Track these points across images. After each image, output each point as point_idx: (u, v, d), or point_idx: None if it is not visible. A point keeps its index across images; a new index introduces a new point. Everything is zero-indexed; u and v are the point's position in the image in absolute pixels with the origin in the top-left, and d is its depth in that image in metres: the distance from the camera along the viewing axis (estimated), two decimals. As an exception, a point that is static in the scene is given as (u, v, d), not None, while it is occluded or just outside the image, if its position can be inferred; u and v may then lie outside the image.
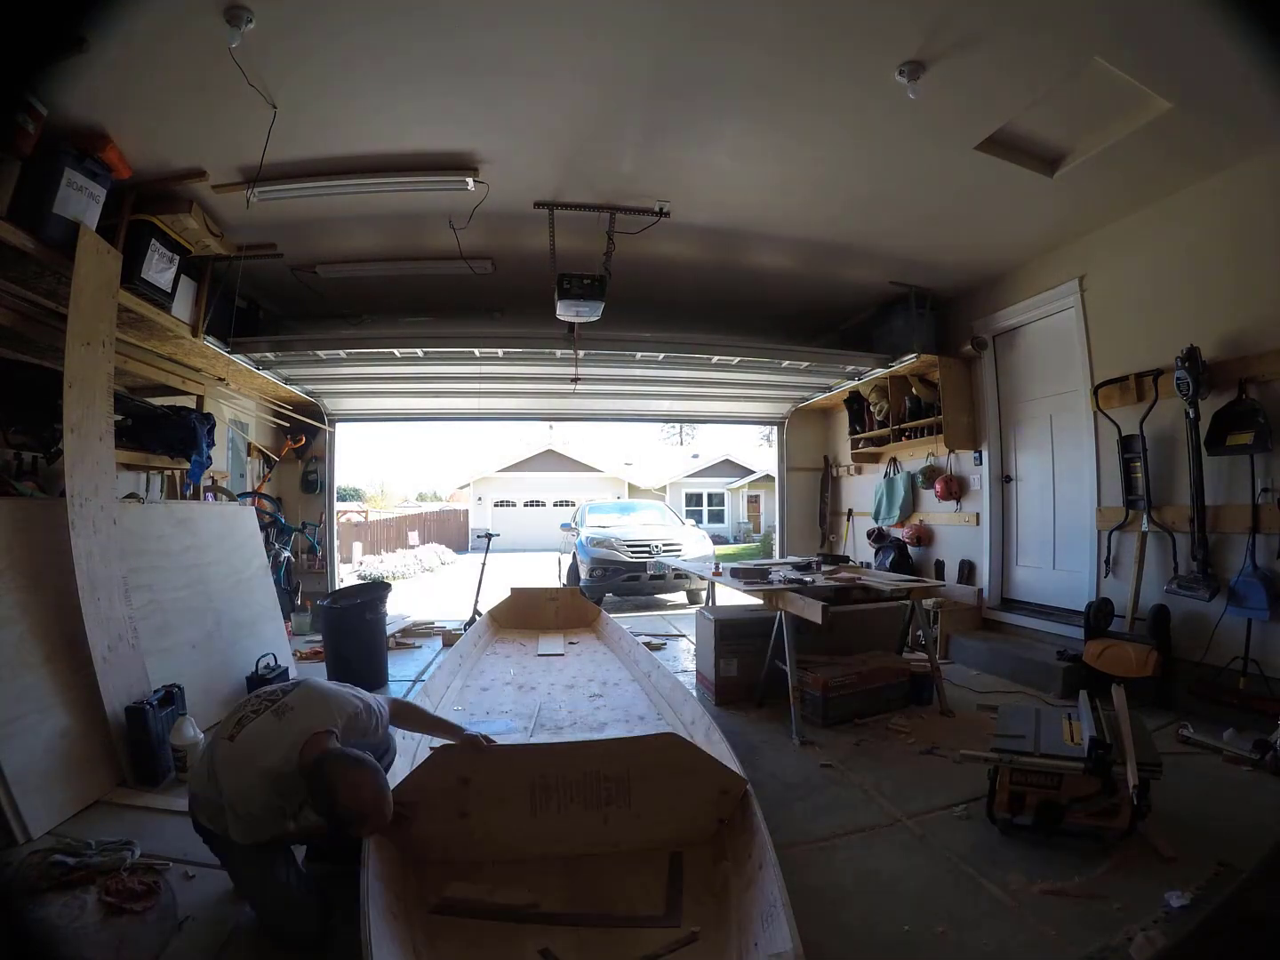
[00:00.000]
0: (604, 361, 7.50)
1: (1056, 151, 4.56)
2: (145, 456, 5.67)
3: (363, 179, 4.70)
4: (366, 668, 5.79)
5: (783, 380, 8.86)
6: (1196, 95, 3.76)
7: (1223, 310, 4.71)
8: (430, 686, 4.83)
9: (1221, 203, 4.69)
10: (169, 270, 5.13)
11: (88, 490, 4.02)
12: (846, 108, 4.08)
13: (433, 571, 21.75)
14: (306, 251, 6.03)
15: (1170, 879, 2.68)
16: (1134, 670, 4.67)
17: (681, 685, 4.85)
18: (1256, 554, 4.43)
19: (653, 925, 2.39)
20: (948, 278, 6.97)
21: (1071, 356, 6.07)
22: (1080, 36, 3.36)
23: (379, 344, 7.00)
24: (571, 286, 5.58)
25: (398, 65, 3.65)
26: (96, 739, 3.70)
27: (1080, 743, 3.09)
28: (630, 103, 4.07)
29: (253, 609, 5.78)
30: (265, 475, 9.15)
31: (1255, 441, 4.38)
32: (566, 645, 6.82)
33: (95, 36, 3.12)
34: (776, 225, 5.74)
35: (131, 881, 2.56)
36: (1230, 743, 4.05)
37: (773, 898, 2.16)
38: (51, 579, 3.77)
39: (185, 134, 4.22)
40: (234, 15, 3.14)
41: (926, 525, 8.19)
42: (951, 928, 2.49)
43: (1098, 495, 5.79)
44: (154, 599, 4.62)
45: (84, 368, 4.10)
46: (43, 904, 2.28)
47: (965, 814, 3.38)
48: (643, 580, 11.19)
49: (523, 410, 10.65)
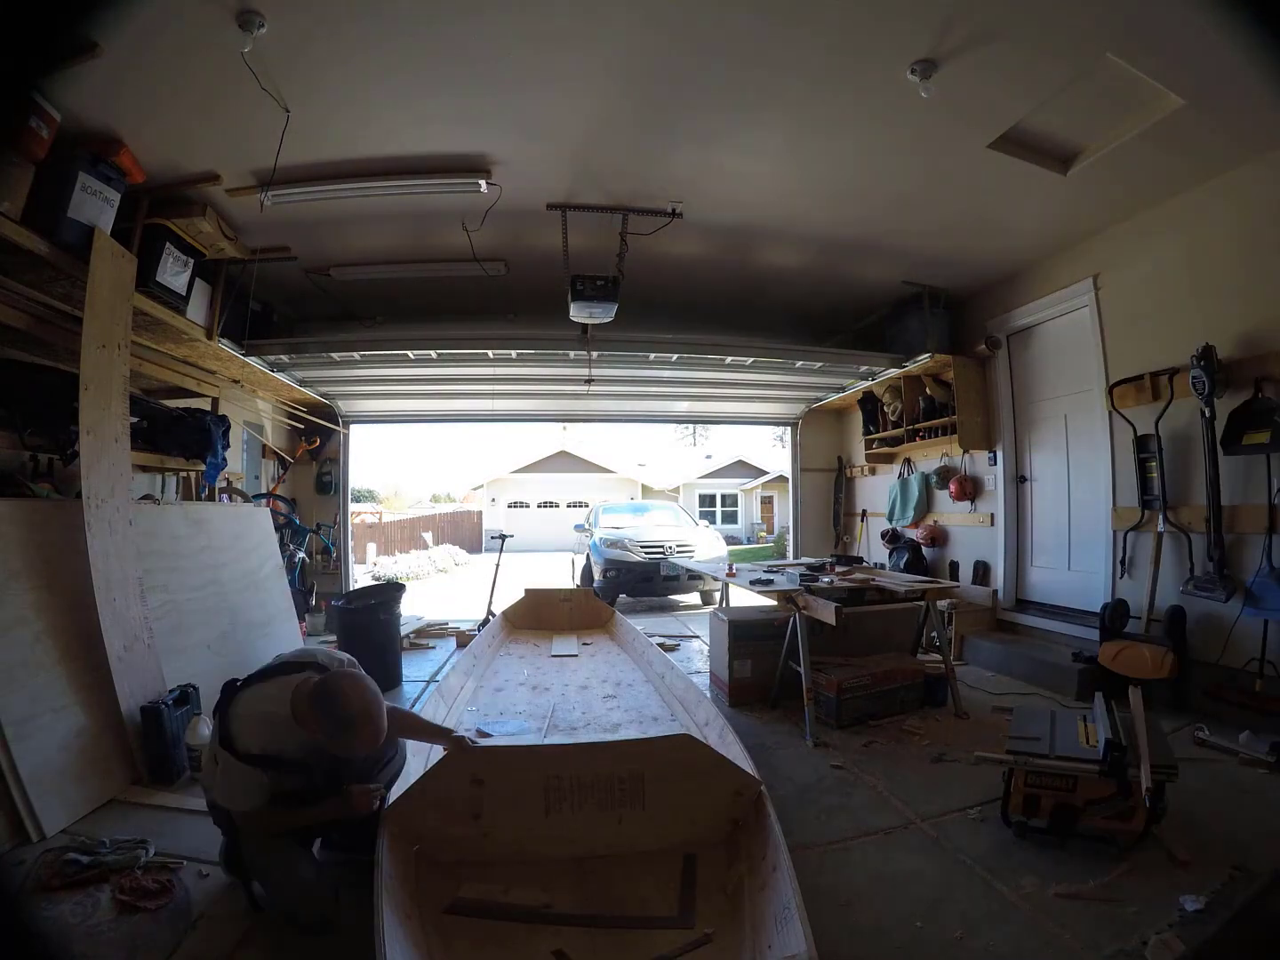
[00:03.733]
0: (617, 363, 7.52)
1: (1069, 149, 4.53)
2: (161, 458, 5.71)
3: (375, 182, 4.72)
4: (380, 668, 5.77)
5: (796, 381, 8.84)
6: (1210, 91, 3.73)
7: (1238, 308, 4.66)
8: (444, 687, 4.83)
9: (1236, 199, 4.65)
10: (184, 273, 5.17)
11: (104, 492, 4.06)
12: (858, 107, 4.06)
13: (446, 572, 21.78)
14: (320, 254, 6.07)
15: (1185, 883, 2.67)
16: (1149, 672, 4.63)
17: (695, 686, 4.84)
18: (1273, 554, 4.39)
19: (666, 926, 2.39)
20: (961, 277, 6.94)
21: (1086, 356, 6.03)
22: (1092, 33, 3.33)
23: (393, 346, 7.01)
24: (585, 288, 5.58)
25: (411, 68, 3.67)
26: (111, 738, 3.73)
27: (1095, 745, 3.06)
28: (643, 104, 4.07)
29: (268, 609, 5.82)
30: (280, 477, 9.19)
31: (1272, 440, 4.34)
32: (580, 646, 6.83)
33: (107, 41, 3.16)
34: (787, 225, 5.72)
35: (145, 880, 2.59)
36: (1246, 745, 4.01)
37: (786, 899, 2.15)
38: (67, 579, 3.80)
39: (198, 138, 4.25)
40: (246, 20, 3.15)
41: (941, 526, 8.16)
42: (965, 931, 2.47)
43: (1113, 495, 5.75)
44: (169, 599, 4.66)
45: (100, 370, 4.13)
46: (57, 902, 2.31)
47: (979, 816, 3.36)
48: (656, 581, 11.16)
49: (536, 411, 10.67)
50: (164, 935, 2.38)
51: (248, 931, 2.49)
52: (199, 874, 2.84)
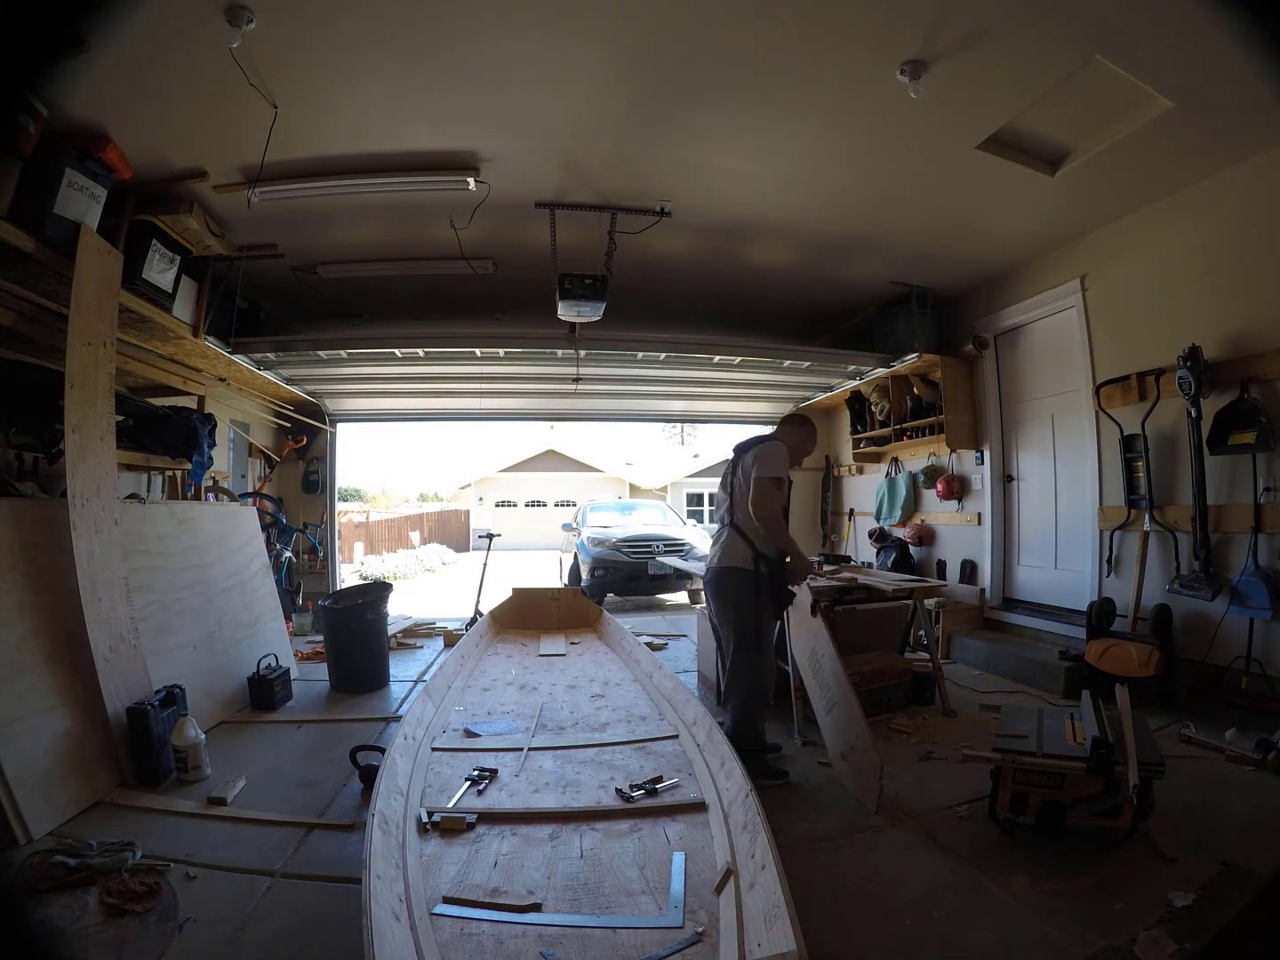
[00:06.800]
0: (605, 361, 7.52)
1: (1058, 151, 4.55)
2: (146, 457, 5.67)
3: (364, 179, 4.70)
4: (368, 668, 5.80)
5: (784, 380, 8.87)
6: (1197, 94, 3.76)
7: (1225, 309, 4.70)
8: (432, 687, 4.81)
9: (1223, 201, 4.69)
10: (170, 270, 5.13)
11: (89, 491, 4.02)
12: (847, 107, 4.07)
13: (434, 572, 21.74)
14: (307, 251, 6.03)
15: (1173, 879, 2.69)
16: (1136, 670, 4.67)
17: (683, 685, 4.84)
18: (1259, 553, 4.43)
19: (655, 926, 2.39)
20: (949, 277, 6.96)
21: (1073, 356, 6.07)
22: (1081, 35, 3.35)
23: (380, 344, 6.99)
24: (573, 287, 5.58)
25: (399, 65, 3.65)
26: (98, 740, 3.70)
27: (1083, 742, 3.08)
28: (631, 102, 4.06)
29: (254, 609, 5.79)
30: (266, 476, 9.14)
31: (1257, 441, 4.38)
32: (568, 645, 6.81)
33: (96, 36, 3.12)
34: (775, 224, 5.72)
35: (133, 882, 2.58)
36: (1233, 742, 4.04)
37: (775, 898, 2.15)
38: (52, 579, 3.76)
39: (186, 134, 4.22)
40: (234, 15, 3.13)
41: (928, 525, 8.19)
42: (954, 928, 2.48)
43: (1100, 495, 5.79)
44: (155, 599, 4.62)
45: (85, 368, 4.10)
46: (44, 905, 2.29)
47: (968, 814, 3.38)
48: (644, 580, 11.18)
49: (524, 410, 10.63)
50: (151, 938, 2.37)
51: (235, 934, 2.47)
52: (186, 876, 2.82)
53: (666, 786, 3.42)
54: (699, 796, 3.27)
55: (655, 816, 3.14)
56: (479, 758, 3.85)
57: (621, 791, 3.38)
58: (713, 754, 3.54)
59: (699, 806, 3.19)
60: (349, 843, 3.13)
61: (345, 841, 3.17)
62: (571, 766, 3.79)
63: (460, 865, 2.74)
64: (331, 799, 3.66)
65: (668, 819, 3.12)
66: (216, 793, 3.61)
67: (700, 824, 3.05)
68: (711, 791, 3.23)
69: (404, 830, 2.86)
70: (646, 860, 2.79)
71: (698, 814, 3.14)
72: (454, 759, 3.84)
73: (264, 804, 3.56)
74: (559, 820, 3.13)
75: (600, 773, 3.67)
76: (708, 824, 3.03)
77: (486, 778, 3.54)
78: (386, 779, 3.06)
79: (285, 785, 3.83)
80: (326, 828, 3.33)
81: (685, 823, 3.08)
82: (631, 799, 3.31)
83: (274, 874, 2.89)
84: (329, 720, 4.98)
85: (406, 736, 3.72)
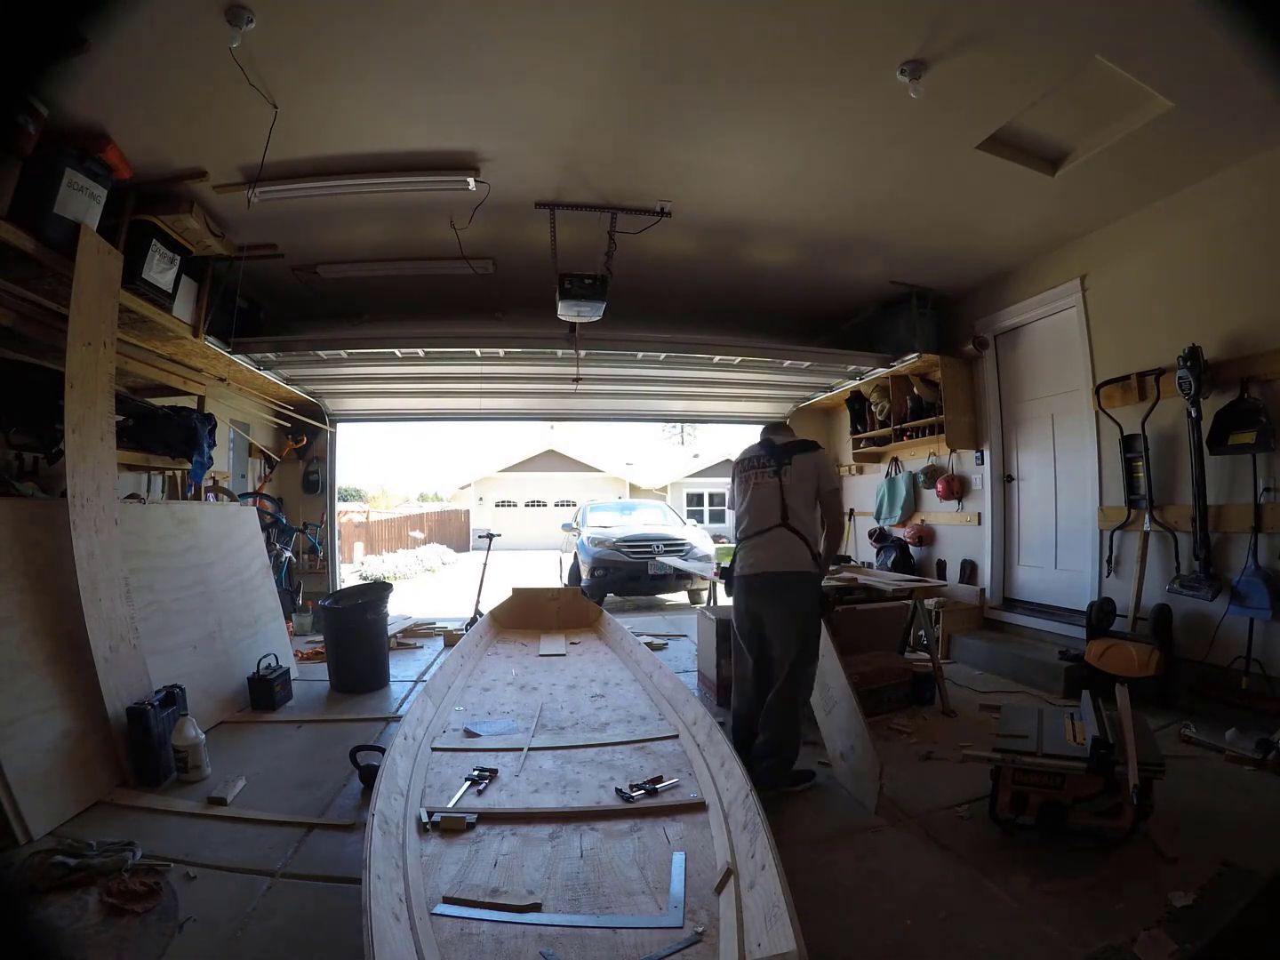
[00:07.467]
0: (605, 361, 7.52)
1: (1058, 151, 4.56)
2: (146, 457, 5.67)
3: (364, 179, 4.69)
4: (368, 668, 5.80)
5: (784, 380, 8.86)
6: (1197, 94, 3.76)
7: (1224, 309, 4.70)
8: (432, 687, 4.81)
9: (1223, 201, 4.69)
10: (170, 270, 5.13)
11: (89, 491, 4.02)
12: (847, 107, 4.07)
13: (434, 572, 21.71)
14: (307, 251, 6.03)
15: (1173, 879, 2.69)
16: (1136, 670, 4.66)
17: (683, 685, 4.83)
18: (1259, 553, 4.43)
19: (655, 926, 2.39)
20: (949, 277, 6.96)
21: (1073, 356, 6.07)
22: (1081, 35, 3.35)
23: (380, 344, 6.99)
24: (573, 287, 5.57)
25: (400, 65, 3.65)
26: (98, 740, 3.70)
27: (1083, 742, 3.08)
28: (631, 103, 4.06)
29: (254, 609, 5.79)
30: (266, 475, 9.14)
31: (1257, 441, 4.38)
32: (568, 645, 6.81)
33: (96, 36, 3.11)
34: (775, 224, 5.73)
35: (133, 883, 2.57)
36: (1233, 742, 4.04)
37: (775, 898, 2.15)
38: (53, 579, 3.76)
39: (186, 134, 4.22)
40: (234, 15, 3.13)
41: (928, 525, 8.19)
42: (954, 928, 2.48)
43: (1100, 495, 5.79)
44: (155, 599, 4.62)
45: (85, 368, 4.09)
46: (44, 905, 2.29)
47: (968, 814, 3.37)
48: (644, 580, 11.17)
49: (524, 410, 10.63)
50: (151, 938, 2.37)
51: (235, 934, 2.47)
52: (186, 876, 2.82)
53: (666, 786, 3.43)
54: (699, 796, 3.27)
55: (655, 816, 3.15)
56: (479, 758, 3.85)
57: (621, 791, 3.39)
58: (713, 754, 3.54)
59: (699, 806, 3.19)
60: (349, 843, 3.13)
61: (345, 841, 3.17)
62: (571, 766, 3.79)
63: (460, 865, 2.74)
64: (331, 799, 3.66)
65: (668, 819, 3.12)
66: (216, 793, 3.61)
67: (700, 824, 3.05)
68: (711, 791, 3.23)
69: (404, 830, 2.86)
70: (646, 860, 2.79)
71: (698, 814, 3.14)
72: (454, 759, 3.84)
73: (264, 804, 3.56)
74: (559, 820, 3.13)
75: (600, 773, 3.68)
76: (708, 824, 3.03)
77: (486, 778, 3.54)
78: (386, 779, 3.06)
79: (285, 785, 3.83)
80: (326, 828, 3.33)
81: (685, 823, 3.08)
82: (631, 799, 3.31)
83: (274, 874, 2.89)
84: (329, 720, 4.98)
85: (406, 736, 3.72)
